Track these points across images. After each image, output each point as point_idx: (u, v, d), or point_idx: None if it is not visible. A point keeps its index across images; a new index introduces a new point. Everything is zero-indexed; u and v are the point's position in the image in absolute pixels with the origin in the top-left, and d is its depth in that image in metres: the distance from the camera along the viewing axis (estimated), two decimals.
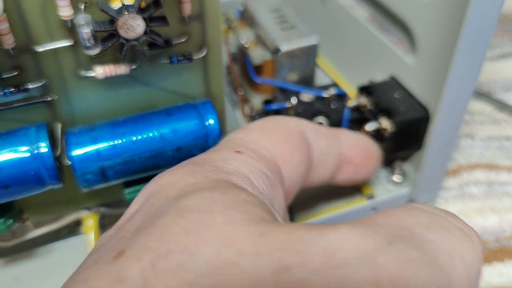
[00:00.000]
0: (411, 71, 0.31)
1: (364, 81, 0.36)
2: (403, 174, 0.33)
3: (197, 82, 0.26)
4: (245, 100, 0.37)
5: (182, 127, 0.24)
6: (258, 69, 0.35)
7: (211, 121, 0.25)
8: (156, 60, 0.24)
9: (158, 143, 0.24)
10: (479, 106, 0.42)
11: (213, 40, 0.25)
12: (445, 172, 0.35)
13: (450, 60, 0.25)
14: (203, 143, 0.25)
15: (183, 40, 0.24)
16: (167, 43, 0.24)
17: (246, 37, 0.34)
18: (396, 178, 0.33)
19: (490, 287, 0.29)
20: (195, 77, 0.26)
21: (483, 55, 0.26)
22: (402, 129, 0.30)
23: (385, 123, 0.31)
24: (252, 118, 0.33)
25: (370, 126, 0.31)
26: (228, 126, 0.38)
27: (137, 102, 0.25)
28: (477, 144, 0.38)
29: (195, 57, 0.25)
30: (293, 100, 0.32)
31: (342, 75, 0.40)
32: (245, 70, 0.35)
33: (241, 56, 0.36)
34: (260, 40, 0.34)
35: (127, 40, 0.22)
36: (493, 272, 0.29)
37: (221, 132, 0.25)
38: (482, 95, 0.42)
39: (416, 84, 0.31)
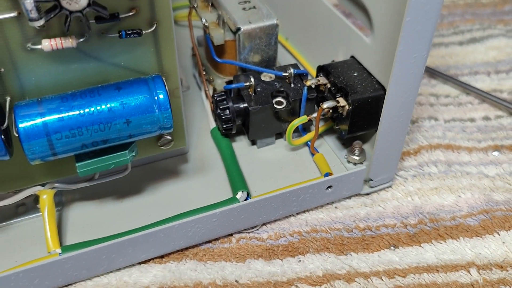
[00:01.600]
0: (369, 50, 0.32)
1: (328, 62, 0.36)
2: (362, 154, 0.33)
3: (149, 58, 0.26)
4: (210, 81, 0.37)
5: (131, 101, 0.25)
6: (221, 50, 0.35)
7: (161, 96, 0.25)
8: (105, 34, 0.24)
9: (106, 116, 0.24)
10: (446, 89, 0.42)
11: (162, 15, 0.25)
12: (405, 152, 0.36)
13: (397, 38, 0.26)
14: (152, 117, 0.25)
15: (131, 13, 0.24)
16: (114, 16, 0.24)
17: (206, 17, 0.35)
18: (355, 157, 0.33)
19: (443, 263, 0.29)
20: (146, 52, 0.26)
21: (430, 34, 0.26)
22: (359, 107, 0.31)
23: (342, 102, 0.31)
24: (213, 97, 0.33)
25: (327, 104, 0.31)
26: (193, 106, 0.38)
27: (89, 77, 0.26)
28: (440, 125, 0.38)
29: (144, 32, 0.25)
30: (252, 79, 0.32)
31: (307, 57, 0.40)
32: (209, 51, 0.35)
33: (204, 37, 0.36)
34: (222, 21, 0.34)
35: (71, 12, 0.22)
36: (447, 249, 0.30)
37: (170, 107, 0.25)
38: (450, 78, 0.42)
39: (374, 63, 0.31)
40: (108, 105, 0.24)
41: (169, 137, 0.30)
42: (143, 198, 0.31)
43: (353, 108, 0.31)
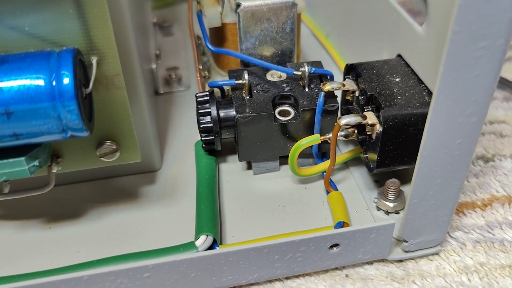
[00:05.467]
0: (420, 45, 0.21)
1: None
2: (400, 199, 0.22)
3: (68, 25, 0.18)
4: (207, 78, 0.28)
5: (14, 83, 0.16)
6: (220, 36, 0.26)
7: (65, 80, 0.16)
8: None
9: None
10: None
11: None
12: (468, 203, 0.24)
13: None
14: (46, 110, 0.16)
15: None
16: None
17: None
18: (387, 204, 0.22)
19: None
20: (61, 15, 0.17)
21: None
22: (394, 128, 0.20)
23: (371, 118, 0.21)
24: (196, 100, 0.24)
25: (346, 120, 0.21)
26: (184, 110, 0.29)
27: None
28: None
29: None
30: (246, 75, 0.23)
31: (348, 58, 0.30)
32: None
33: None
34: None
35: None
36: None
37: (77, 97, 0.16)
38: None
39: (426, 64, 0.21)
40: None
41: (112, 146, 0.21)
42: (78, 226, 0.23)
43: (385, 128, 0.20)
